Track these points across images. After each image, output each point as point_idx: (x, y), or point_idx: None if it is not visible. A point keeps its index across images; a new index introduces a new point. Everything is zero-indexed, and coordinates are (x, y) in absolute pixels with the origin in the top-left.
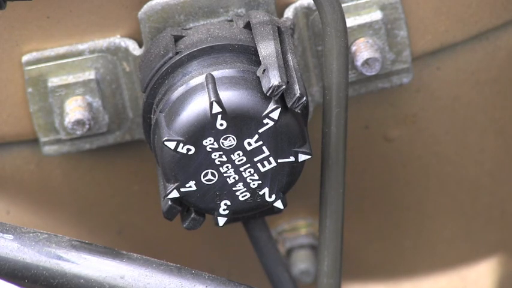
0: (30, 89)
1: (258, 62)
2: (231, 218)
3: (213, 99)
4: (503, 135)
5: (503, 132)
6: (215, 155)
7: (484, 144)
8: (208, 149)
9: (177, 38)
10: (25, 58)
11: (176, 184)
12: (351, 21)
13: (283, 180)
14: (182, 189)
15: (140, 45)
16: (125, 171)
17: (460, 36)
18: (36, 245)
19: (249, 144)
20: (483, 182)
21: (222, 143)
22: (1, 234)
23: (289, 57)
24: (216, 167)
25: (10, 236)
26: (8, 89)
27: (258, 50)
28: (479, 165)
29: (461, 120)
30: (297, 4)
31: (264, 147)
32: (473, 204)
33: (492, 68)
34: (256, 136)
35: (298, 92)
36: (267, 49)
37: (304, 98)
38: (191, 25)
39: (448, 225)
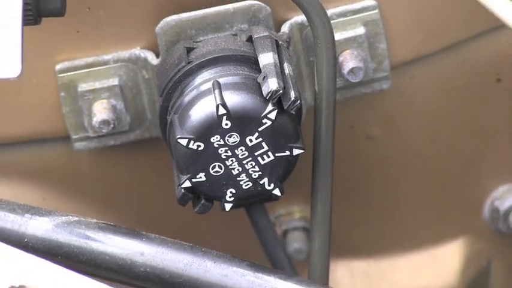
0: (62, 93)
1: (258, 70)
2: (236, 204)
3: (219, 102)
4: (470, 134)
5: (470, 131)
6: (221, 151)
7: (453, 142)
8: (215, 145)
9: (189, 50)
10: (58, 67)
11: (188, 175)
12: (338, 36)
13: (280, 171)
14: (193, 180)
15: (157, 56)
16: (144, 164)
17: (432, 48)
18: (68, 226)
19: (250, 140)
20: (452, 174)
21: (227, 140)
22: (38, 217)
23: (286, 66)
24: (223, 161)
25: (46, 218)
26: (44, 94)
27: (259, 60)
28: (449, 160)
29: (434, 121)
30: (292, 21)
31: (263, 143)
32: (443, 194)
33: (460, 76)
34: (257, 134)
35: (293, 96)
36: (266, 59)
37: (298, 101)
38: (201, 38)
39: (421, 212)
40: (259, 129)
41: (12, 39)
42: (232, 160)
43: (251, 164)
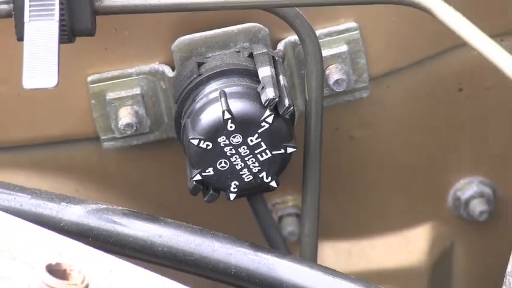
0: (93, 101)
1: (258, 82)
2: (239, 194)
3: (224, 108)
4: (436, 135)
5: (436, 133)
6: (227, 149)
7: (421, 142)
8: (221, 144)
9: (200, 64)
10: (89, 78)
11: (199, 170)
12: (325, 52)
13: (276, 166)
14: (203, 174)
15: (173, 69)
16: (162, 160)
17: (404, 63)
18: (97, 213)
19: (251, 141)
20: (421, 169)
21: (232, 140)
22: (72, 205)
23: (281, 78)
24: (228, 158)
25: (79, 206)
26: (77, 101)
27: (258, 72)
28: (418, 157)
29: (405, 124)
30: (286, 40)
31: (262, 143)
32: (413, 185)
33: (428, 86)
34: (256, 135)
35: (287, 103)
36: (264, 72)
37: (292, 108)
38: (210, 55)
39: (395, 200)
40: (259, 131)
41: (50, 55)
42: (236, 157)
43: (252, 161)
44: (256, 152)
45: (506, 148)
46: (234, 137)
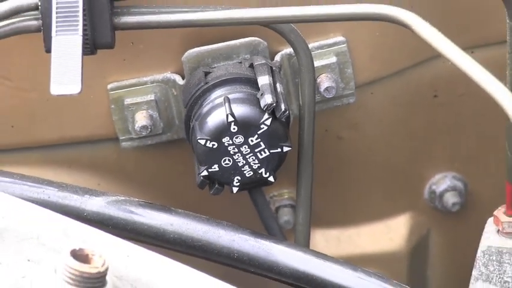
0: (112, 106)
1: (257, 89)
2: (241, 188)
3: (228, 112)
4: (413, 136)
5: (414, 134)
6: (230, 148)
7: (401, 142)
8: (225, 144)
9: (206, 73)
10: (109, 86)
11: (206, 166)
12: (317, 63)
13: (274, 163)
14: (209, 170)
15: (183, 78)
16: (173, 158)
17: (386, 73)
18: (116, 204)
19: (252, 141)
20: (400, 165)
21: (235, 140)
22: (94, 197)
23: (278, 85)
24: (231, 156)
25: (100, 198)
26: (99, 106)
27: (258, 81)
28: (398, 155)
29: (386, 126)
30: (282, 52)
31: (261, 143)
32: (394, 180)
33: (407, 93)
34: (256, 136)
35: (283, 108)
36: (263, 80)
37: (287, 112)
38: (215, 65)
39: (378, 193)
40: (258, 132)
41: (75, 65)
42: (238, 155)
43: (252, 158)
44: (256, 150)
45: (476, 147)
46: (236, 138)
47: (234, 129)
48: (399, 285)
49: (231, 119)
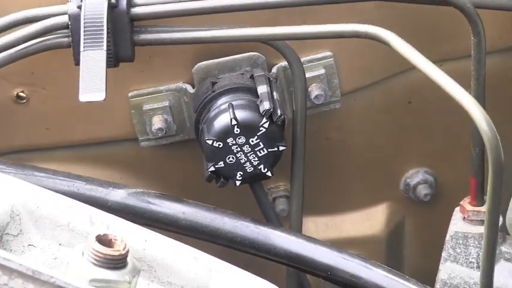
0: (133, 111)
1: (257, 96)
2: (243, 182)
3: (232, 117)
4: (391, 136)
5: (391, 134)
6: (234, 147)
7: (380, 142)
8: (230, 144)
9: (213, 83)
10: (130, 94)
11: (212, 163)
12: (307, 74)
13: (271, 160)
14: (216, 166)
15: (193, 87)
16: (185, 156)
17: (367, 82)
18: (136, 195)
19: (252, 141)
20: (380, 161)
21: (237, 140)
22: (117, 189)
23: (274, 93)
24: (234, 154)
25: (122, 190)
26: (121, 111)
27: (257, 89)
28: (377, 152)
29: (367, 128)
30: (278, 65)
31: (261, 143)
32: (374, 173)
33: (385, 99)
34: (256, 136)
35: (279, 113)
36: (262, 89)
37: (283, 116)
38: (221, 76)
39: (360, 185)
40: (258, 133)
41: (100, 76)
42: (240, 153)
43: (252, 156)
44: (256, 149)
45: (445, 146)
46: (239, 138)
47: (237, 131)
48: (378, 265)
49: (234, 122)
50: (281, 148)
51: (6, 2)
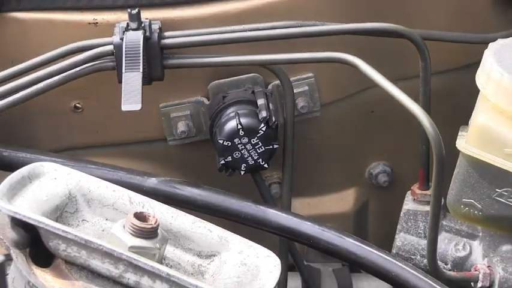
0: (163, 118)
1: (257, 107)
2: (246, 172)
3: (238, 122)
4: (358, 137)
5: (358, 136)
6: (239, 146)
7: (350, 141)
8: (236, 143)
9: (224, 97)
10: (161, 105)
11: (223, 157)
12: (295, 90)
13: (268, 155)
14: (225, 160)
15: (208, 100)
16: (202, 152)
17: (341, 96)
18: (165, 182)
19: (253, 141)
20: (349, 156)
21: (242, 140)
22: (151, 177)
23: (270, 105)
24: (240, 151)
25: (153, 178)
26: (153, 118)
27: (257, 102)
28: (348, 150)
29: (340, 131)
30: (273, 83)
31: (259, 142)
32: (345, 166)
33: (354, 110)
34: (256, 137)
35: (274, 119)
36: (261, 102)
37: (276, 122)
38: (229, 91)
39: (335, 174)
40: (257, 135)
41: (137, 92)
42: (244, 150)
43: (253, 152)
44: (256, 147)
45: (399, 145)
46: (243, 139)
47: (241, 133)
48: (349, 235)
49: (239, 126)
50: (275, 146)
51: (65, 35)
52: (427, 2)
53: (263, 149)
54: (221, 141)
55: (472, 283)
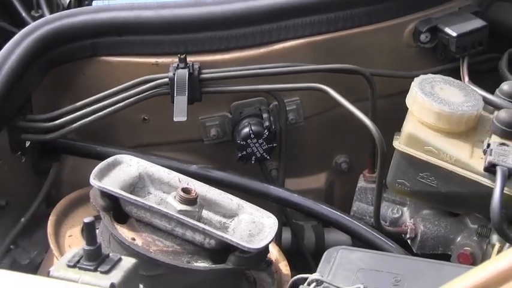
0: (200, 126)
1: (262, 119)
2: (255, 161)
3: (249, 129)
4: (327, 138)
5: (327, 137)
6: (251, 144)
7: (323, 141)
8: (249, 142)
9: (241, 112)
10: (200, 117)
11: (240, 152)
12: (287, 108)
13: (269, 151)
14: (242, 154)
15: (231, 114)
16: (227, 148)
17: (316, 112)
18: (201, 168)
19: (260, 141)
20: (322, 151)
21: (252, 141)
22: (191, 165)
23: (271, 118)
24: (251, 147)
25: (194, 165)
26: (194, 125)
27: (263, 116)
28: (321, 146)
29: (316, 134)
30: (272, 104)
31: (264, 142)
32: (318, 157)
33: (325, 121)
34: (262, 139)
35: (273, 127)
36: (265, 116)
37: (275, 129)
38: (244, 109)
39: (312, 163)
40: (263, 137)
41: (183, 108)
42: (254, 147)
43: (260, 149)
44: (262, 145)
45: (355, 144)
46: (253, 140)
47: (252, 136)
48: (322, 203)
49: (251, 132)
50: (274, 145)
51: (137, 71)
52: (374, 51)
53: (266, 146)
54: (239, 142)
55: (403, 235)
